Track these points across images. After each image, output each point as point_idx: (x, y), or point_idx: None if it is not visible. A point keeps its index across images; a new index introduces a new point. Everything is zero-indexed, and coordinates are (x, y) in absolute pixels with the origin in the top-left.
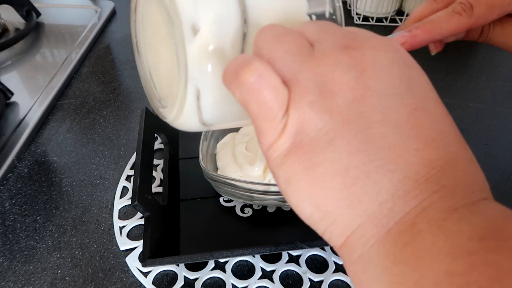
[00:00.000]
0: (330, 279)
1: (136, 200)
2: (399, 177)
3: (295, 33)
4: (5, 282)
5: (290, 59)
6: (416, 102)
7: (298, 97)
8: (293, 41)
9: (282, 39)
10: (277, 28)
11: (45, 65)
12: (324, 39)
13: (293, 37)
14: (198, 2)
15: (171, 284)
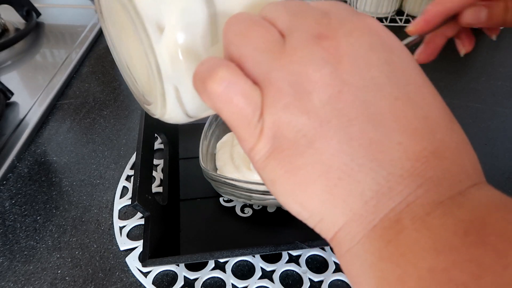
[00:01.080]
0: (330, 279)
1: (136, 200)
2: (383, 174)
3: (263, 23)
4: (5, 282)
5: (260, 57)
6: (397, 90)
7: (272, 100)
8: (262, 35)
9: (250, 33)
10: (244, 19)
11: (45, 65)
12: (295, 28)
13: (262, 29)
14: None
15: (171, 284)
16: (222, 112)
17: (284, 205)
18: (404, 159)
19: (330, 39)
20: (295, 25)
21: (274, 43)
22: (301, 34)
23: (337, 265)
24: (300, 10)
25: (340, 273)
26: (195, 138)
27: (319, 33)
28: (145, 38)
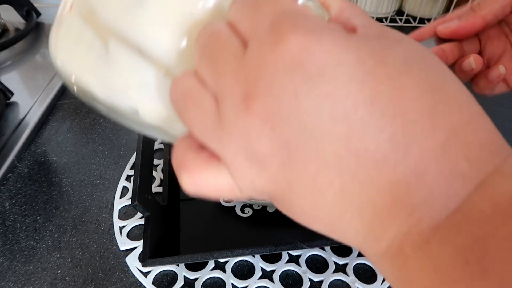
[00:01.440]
0: (330, 279)
1: (136, 200)
2: (369, 212)
3: (197, 92)
4: (5, 282)
5: (206, 135)
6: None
7: (236, 175)
8: (198, 110)
9: (187, 108)
10: (180, 87)
11: (45, 65)
12: (221, 93)
13: (197, 102)
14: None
15: (171, 284)
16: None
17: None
18: (381, 192)
19: (256, 99)
20: (219, 89)
21: (211, 116)
22: (229, 102)
23: (337, 265)
24: (216, 56)
25: (340, 273)
26: None
27: (245, 93)
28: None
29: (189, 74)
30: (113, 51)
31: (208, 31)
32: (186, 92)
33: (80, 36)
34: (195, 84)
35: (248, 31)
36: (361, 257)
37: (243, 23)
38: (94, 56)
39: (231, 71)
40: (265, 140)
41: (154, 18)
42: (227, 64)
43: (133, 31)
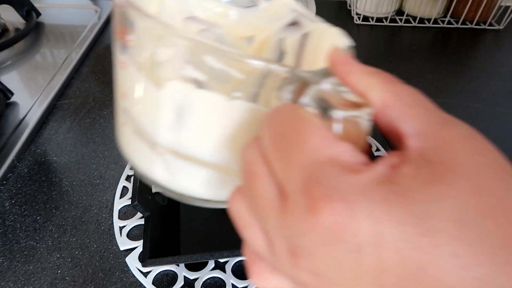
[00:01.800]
0: None
1: (136, 200)
2: None
3: (251, 227)
4: (5, 282)
5: (260, 253)
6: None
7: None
8: (252, 236)
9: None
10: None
11: (45, 65)
12: (267, 244)
13: (252, 230)
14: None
15: (171, 284)
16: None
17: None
18: None
19: (301, 258)
20: (266, 232)
21: (264, 249)
22: (278, 249)
23: None
24: (256, 202)
25: None
26: None
27: (291, 250)
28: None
29: (238, 195)
30: (168, 160)
31: (245, 158)
32: (237, 217)
33: (137, 146)
34: (245, 214)
35: (281, 178)
36: None
37: (275, 165)
38: (153, 162)
39: (272, 225)
40: (312, 283)
41: (194, 135)
42: (266, 214)
43: (178, 146)
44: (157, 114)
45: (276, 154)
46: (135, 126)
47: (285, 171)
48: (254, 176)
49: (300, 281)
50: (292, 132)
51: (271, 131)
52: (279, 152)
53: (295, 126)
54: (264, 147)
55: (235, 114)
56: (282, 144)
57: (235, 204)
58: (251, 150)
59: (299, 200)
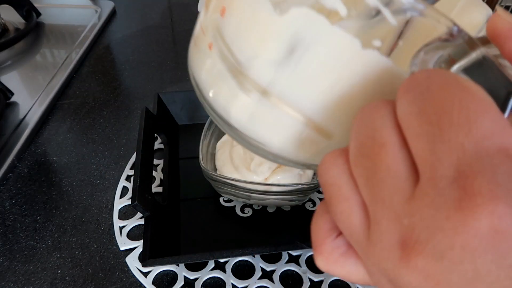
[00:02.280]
0: (330, 279)
1: (136, 200)
2: None
3: (346, 193)
4: (5, 282)
5: (349, 236)
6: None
7: (376, 284)
8: (344, 211)
9: (334, 203)
10: (329, 178)
11: (45, 65)
12: (376, 217)
13: (344, 203)
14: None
15: (171, 284)
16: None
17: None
18: None
19: (418, 254)
20: (373, 210)
21: (357, 229)
22: (382, 234)
23: None
24: (376, 173)
25: None
26: (195, 138)
27: (404, 241)
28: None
29: (340, 159)
30: (255, 100)
31: (369, 123)
32: (333, 184)
33: (219, 75)
34: (346, 181)
35: (422, 160)
36: None
37: (416, 142)
38: (233, 98)
39: (392, 207)
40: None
41: (301, 78)
42: (388, 194)
43: (275, 86)
44: (263, 42)
45: (422, 127)
46: (225, 50)
47: (431, 150)
48: (380, 146)
49: (396, 279)
50: (453, 106)
51: (419, 98)
52: (427, 126)
53: (460, 101)
54: (401, 114)
55: (364, 67)
56: (434, 117)
57: (335, 169)
58: (379, 114)
59: (445, 190)
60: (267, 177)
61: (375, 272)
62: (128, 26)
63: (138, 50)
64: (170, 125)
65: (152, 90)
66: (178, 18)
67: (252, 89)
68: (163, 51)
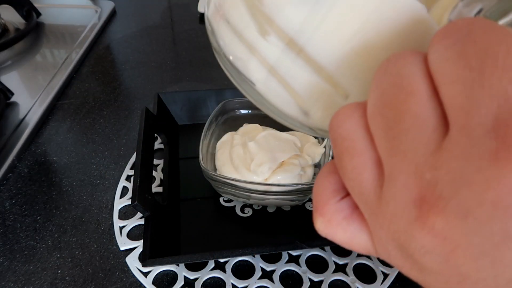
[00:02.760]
0: (330, 279)
1: (136, 200)
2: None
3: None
4: (5, 282)
5: (359, 194)
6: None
7: (381, 249)
8: (357, 163)
9: (345, 153)
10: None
11: (45, 65)
12: (392, 171)
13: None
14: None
15: (171, 284)
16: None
17: None
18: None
19: (436, 214)
20: (389, 165)
21: (369, 187)
22: (396, 191)
23: (337, 265)
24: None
25: (340, 273)
26: (195, 138)
27: (421, 198)
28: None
29: (356, 112)
30: (278, 50)
31: (395, 70)
32: (346, 137)
33: (244, 23)
34: (360, 135)
35: (456, 108)
36: (361, 257)
37: (450, 89)
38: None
39: (414, 160)
40: (432, 259)
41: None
42: (412, 146)
43: (300, 33)
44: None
45: (459, 72)
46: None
47: (468, 96)
48: (408, 94)
49: (408, 243)
50: (499, 50)
51: (458, 42)
52: (466, 71)
53: (508, 46)
54: (435, 60)
55: (395, 12)
56: (474, 61)
57: (349, 123)
58: (407, 60)
59: (480, 139)
60: (267, 178)
61: (382, 238)
62: (128, 26)
63: (138, 50)
64: (170, 125)
65: (152, 90)
66: (178, 18)
67: (276, 37)
68: (163, 51)
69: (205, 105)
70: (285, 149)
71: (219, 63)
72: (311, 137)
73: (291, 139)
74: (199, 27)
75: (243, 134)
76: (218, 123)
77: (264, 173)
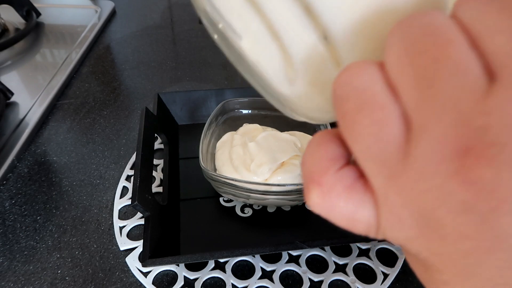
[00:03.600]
0: (330, 279)
1: (136, 200)
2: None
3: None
4: (5, 282)
5: (372, 164)
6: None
7: (390, 225)
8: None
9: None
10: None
11: (45, 65)
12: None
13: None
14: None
15: (171, 284)
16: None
17: None
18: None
19: (483, 164)
20: (423, 117)
21: (392, 143)
22: (433, 143)
23: (337, 265)
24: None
25: (340, 273)
26: (195, 138)
27: (467, 149)
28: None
29: (371, 66)
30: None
31: (426, 21)
32: (365, 90)
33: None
34: (380, 88)
35: (503, 56)
36: (361, 257)
37: (495, 37)
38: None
39: (456, 108)
40: (467, 220)
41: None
42: (454, 94)
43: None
44: None
45: (503, 22)
46: None
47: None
48: (448, 41)
49: (438, 204)
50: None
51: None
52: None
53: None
54: (470, 14)
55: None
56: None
57: (366, 75)
58: (435, 15)
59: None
60: (267, 178)
61: (397, 205)
62: (128, 26)
63: (138, 50)
64: (170, 125)
65: (152, 90)
66: (178, 18)
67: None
68: (163, 51)
69: (205, 105)
70: (285, 149)
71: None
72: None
73: (291, 139)
74: (199, 27)
75: (243, 134)
76: (218, 123)
77: (264, 174)
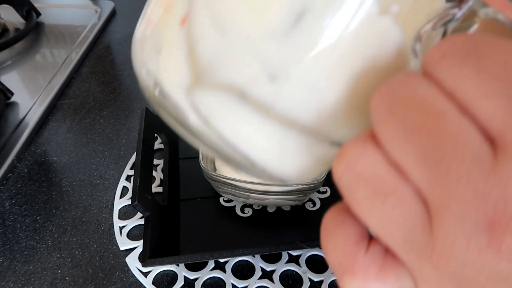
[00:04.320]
0: (330, 279)
1: (136, 200)
2: None
3: (395, 183)
4: (5, 282)
5: (399, 245)
6: None
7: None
8: (399, 210)
9: (378, 201)
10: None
11: (45, 65)
12: (444, 203)
13: (395, 198)
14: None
15: (171, 284)
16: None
17: None
18: None
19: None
20: (440, 195)
21: (415, 226)
22: (457, 220)
23: None
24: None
25: None
26: None
27: (489, 219)
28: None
29: (369, 148)
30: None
31: (409, 94)
32: (371, 175)
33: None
34: (386, 170)
35: (499, 122)
36: None
37: (484, 103)
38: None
39: (470, 183)
40: (505, 286)
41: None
42: (463, 168)
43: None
44: (264, 7)
45: (491, 84)
46: (212, 17)
47: (505, 113)
48: (439, 114)
49: (477, 274)
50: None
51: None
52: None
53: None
54: (450, 81)
55: (378, 38)
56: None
57: (367, 159)
58: (416, 81)
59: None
60: None
61: (435, 278)
62: (128, 26)
63: None
64: None
65: None
66: None
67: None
68: None
69: None
70: None
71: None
72: None
73: None
74: None
75: None
76: None
77: None
